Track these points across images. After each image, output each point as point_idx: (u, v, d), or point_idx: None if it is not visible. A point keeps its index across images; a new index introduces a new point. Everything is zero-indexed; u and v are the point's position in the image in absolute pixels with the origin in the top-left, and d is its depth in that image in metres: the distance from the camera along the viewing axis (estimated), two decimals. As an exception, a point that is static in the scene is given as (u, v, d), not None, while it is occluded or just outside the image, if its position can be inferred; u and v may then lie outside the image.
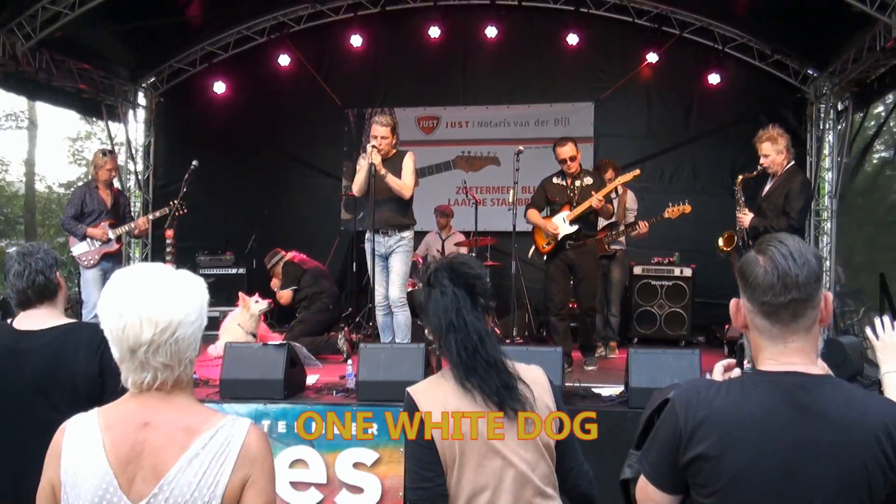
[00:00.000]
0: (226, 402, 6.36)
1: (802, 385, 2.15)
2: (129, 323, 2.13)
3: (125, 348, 2.16)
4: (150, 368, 2.17)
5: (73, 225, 8.75)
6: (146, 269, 2.25)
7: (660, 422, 2.34)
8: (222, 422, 2.21)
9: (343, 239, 12.88)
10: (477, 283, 2.89)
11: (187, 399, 2.26)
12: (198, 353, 2.29)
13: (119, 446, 2.16)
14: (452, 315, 2.80)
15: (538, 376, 2.95)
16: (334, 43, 13.04)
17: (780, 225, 7.28)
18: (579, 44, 12.40)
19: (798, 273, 2.13)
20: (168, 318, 2.14)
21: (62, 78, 11.23)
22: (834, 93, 11.56)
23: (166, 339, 2.14)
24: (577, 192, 8.09)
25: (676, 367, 6.17)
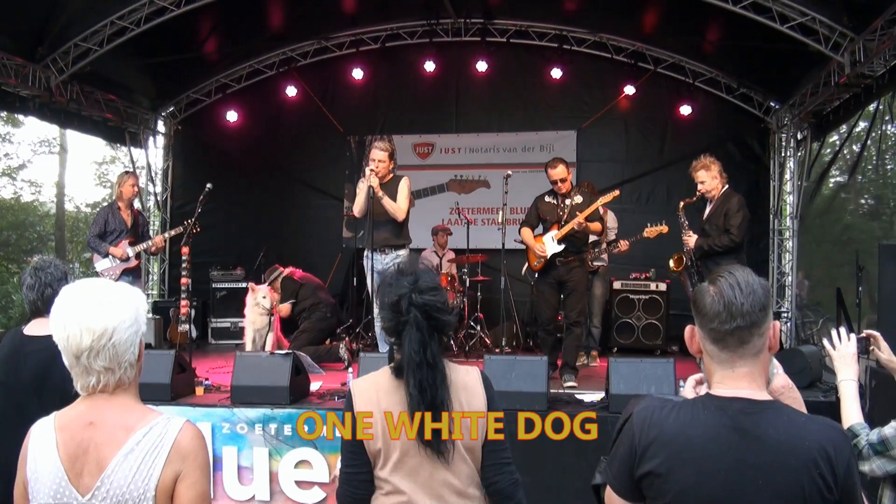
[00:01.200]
0: (236, 407, 6.35)
1: (745, 410, 2.14)
2: (71, 332, 2.22)
3: (71, 356, 2.24)
4: (93, 372, 2.24)
5: (98, 243, 8.76)
6: (86, 285, 2.32)
7: (621, 435, 2.34)
8: (156, 420, 2.27)
9: (344, 256, 12.87)
10: (446, 328, 2.86)
11: (129, 399, 2.32)
12: (137, 357, 2.33)
13: (69, 444, 2.24)
14: (429, 354, 2.75)
15: (470, 381, 2.91)
16: (338, 75, 13.10)
17: (722, 242, 7.40)
18: (563, 77, 12.48)
19: (743, 302, 2.14)
20: (103, 326, 2.22)
21: (90, 108, 11.31)
22: (794, 123, 11.70)
23: (104, 344, 2.21)
24: (567, 210, 8.04)
25: (653, 374, 6.22)
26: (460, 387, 2.86)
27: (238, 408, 6.36)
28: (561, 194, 8.14)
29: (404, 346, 2.78)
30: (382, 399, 2.80)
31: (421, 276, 2.85)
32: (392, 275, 2.92)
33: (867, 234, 16.62)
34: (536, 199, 8.38)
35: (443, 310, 2.82)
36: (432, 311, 2.78)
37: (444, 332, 2.87)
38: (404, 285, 2.82)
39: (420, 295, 2.78)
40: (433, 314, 2.78)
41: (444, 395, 2.76)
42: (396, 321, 2.81)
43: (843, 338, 2.95)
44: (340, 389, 7.00)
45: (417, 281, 2.82)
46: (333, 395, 6.82)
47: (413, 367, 2.74)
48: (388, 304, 2.84)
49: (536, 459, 5.70)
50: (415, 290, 2.79)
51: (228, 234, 12.77)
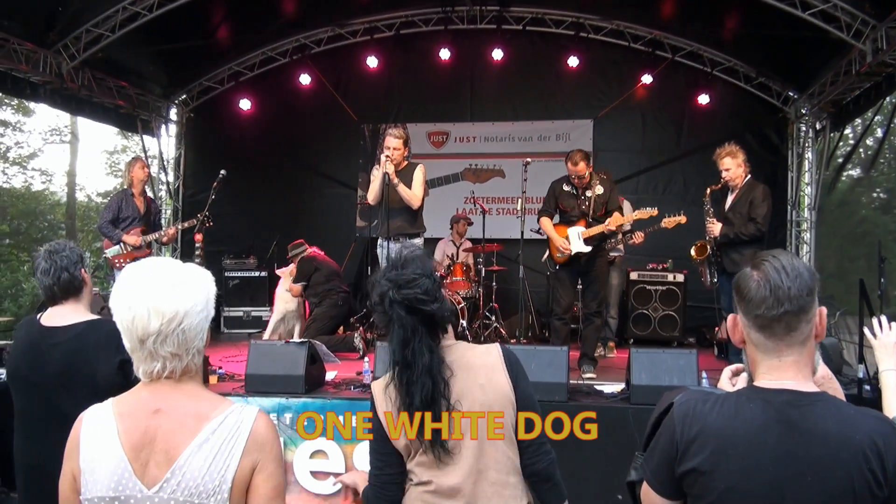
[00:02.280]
0: (251, 396, 6.26)
1: (793, 403, 2.04)
2: (137, 314, 2.08)
3: (135, 339, 2.10)
4: (159, 358, 2.11)
5: (110, 229, 8.65)
6: (154, 264, 2.19)
7: (660, 431, 2.24)
8: (231, 408, 2.15)
9: (358, 245, 12.85)
10: (435, 313, 2.72)
11: (197, 386, 2.21)
12: (205, 342, 2.22)
13: (132, 433, 2.09)
14: (408, 353, 2.66)
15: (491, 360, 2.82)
16: (352, 63, 12.98)
17: (748, 231, 7.30)
18: (579, 66, 12.37)
19: (790, 286, 2.03)
20: (174, 309, 2.09)
21: (102, 94, 11.22)
22: (813, 113, 11.59)
23: (173, 328, 2.08)
24: (591, 203, 7.89)
25: (675, 366, 6.09)
26: (478, 366, 2.78)
27: (252, 396, 6.26)
28: (582, 186, 7.98)
29: (390, 341, 2.74)
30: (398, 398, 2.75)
31: (402, 268, 2.77)
32: (379, 274, 2.85)
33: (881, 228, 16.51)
34: (554, 187, 8.14)
35: (425, 300, 2.69)
36: (414, 304, 2.68)
37: (437, 321, 2.74)
38: (384, 283, 2.74)
39: (398, 291, 2.69)
40: (416, 307, 2.68)
41: (434, 393, 2.66)
42: (384, 320, 2.76)
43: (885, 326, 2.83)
44: (356, 379, 6.90)
45: (398, 276, 2.74)
46: (349, 384, 6.72)
47: (395, 365, 2.71)
48: (373, 304, 2.81)
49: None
50: (394, 286, 2.71)
51: (241, 223, 12.68)
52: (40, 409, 3.55)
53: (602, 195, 7.93)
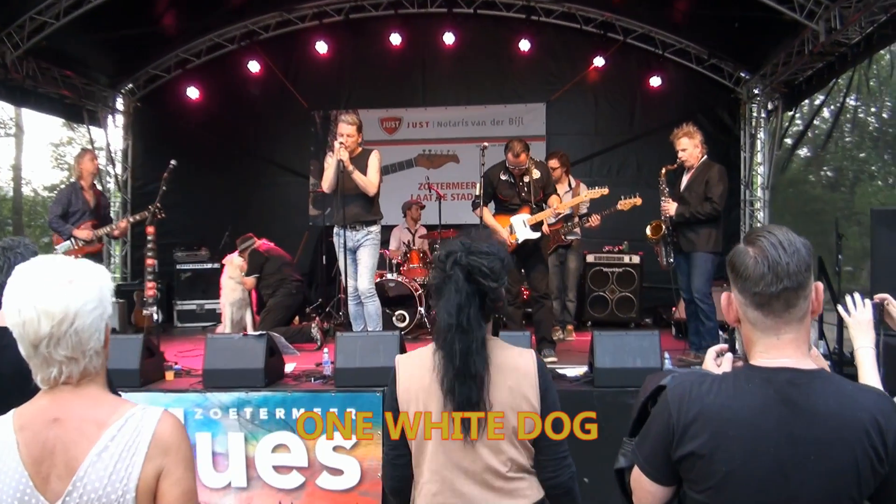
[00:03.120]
0: (209, 392, 6.17)
1: (794, 381, 2.01)
2: (27, 318, 1.96)
3: (28, 344, 1.99)
4: (54, 363, 1.99)
5: (60, 224, 8.47)
6: (43, 263, 2.05)
7: (653, 415, 2.20)
8: (131, 411, 2.02)
9: (312, 234, 12.73)
10: (489, 292, 2.66)
11: (97, 391, 2.08)
12: (104, 342, 2.08)
13: (31, 445, 1.98)
14: (463, 318, 2.59)
15: (523, 364, 2.75)
16: (301, 49, 12.83)
17: (704, 210, 7.32)
18: (531, 49, 12.35)
19: (788, 262, 2.00)
20: (63, 310, 1.96)
21: (47, 85, 10.97)
22: (765, 93, 11.69)
23: (65, 330, 1.96)
24: (530, 189, 7.85)
25: (638, 347, 6.14)
26: (510, 368, 2.71)
27: (211, 392, 6.16)
28: (519, 173, 7.92)
29: (440, 307, 2.66)
30: (425, 377, 2.69)
31: (480, 240, 2.72)
32: (456, 237, 2.79)
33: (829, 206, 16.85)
34: (489, 177, 8.00)
35: (487, 275, 2.63)
36: (475, 273, 2.62)
37: (488, 301, 2.67)
38: (456, 244, 2.70)
39: (468, 255, 2.64)
40: (476, 277, 2.62)
41: (480, 367, 2.61)
42: (441, 278, 2.68)
43: (859, 303, 2.83)
44: (316, 370, 6.83)
45: (473, 243, 2.69)
46: (309, 376, 6.65)
47: (445, 330, 2.61)
48: (437, 260, 2.74)
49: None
50: (466, 249, 2.66)
51: (191, 214, 12.44)
52: None
53: (539, 179, 7.90)
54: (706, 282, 7.41)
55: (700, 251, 7.38)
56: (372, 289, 7.81)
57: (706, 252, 7.38)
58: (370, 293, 7.78)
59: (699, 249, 7.38)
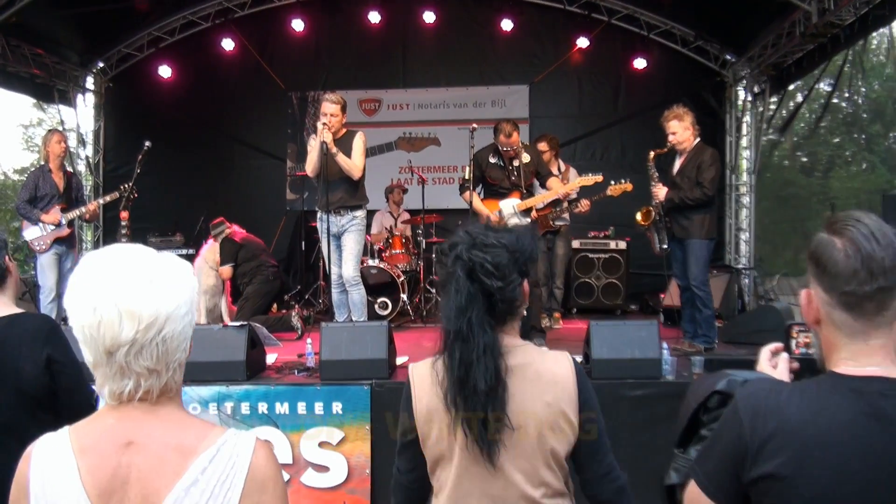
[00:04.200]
0: (187, 386, 5.87)
1: (885, 392, 1.73)
2: (105, 318, 1.62)
3: (101, 350, 1.64)
4: (131, 374, 1.66)
5: (28, 209, 8.12)
6: (125, 252, 1.72)
7: (720, 427, 1.90)
8: (223, 438, 1.69)
9: (289, 219, 12.44)
10: (495, 292, 2.30)
11: (177, 411, 1.75)
12: (188, 354, 1.77)
13: (99, 473, 1.64)
14: (463, 323, 2.25)
15: (561, 373, 2.38)
16: (277, 28, 12.50)
17: (694, 195, 7.13)
18: (513, 29, 12.13)
19: (884, 256, 1.72)
20: (154, 312, 1.65)
21: (17, 63, 10.57)
22: (752, 76, 11.53)
23: (151, 337, 1.65)
24: (520, 173, 7.63)
25: (636, 337, 5.90)
26: (547, 380, 2.35)
27: (189, 386, 5.84)
28: (509, 156, 7.70)
29: (442, 310, 2.36)
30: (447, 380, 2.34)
31: (490, 230, 2.39)
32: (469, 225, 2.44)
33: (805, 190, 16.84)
34: (478, 159, 7.77)
35: (491, 272, 2.28)
36: (477, 271, 2.28)
37: (497, 302, 2.31)
38: (462, 236, 2.37)
39: (469, 250, 2.30)
40: (478, 275, 2.28)
41: (485, 379, 2.23)
42: (444, 274, 2.38)
43: None
44: (298, 362, 6.56)
45: (480, 234, 2.36)
46: (292, 368, 6.36)
47: (444, 336, 2.30)
48: (441, 252, 2.43)
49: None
50: (468, 243, 2.32)
51: (165, 199, 12.10)
52: None
53: (529, 163, 7.70)
54: (703, 269, 7.24)
55: (695, 238, 7.19)
56: (357, 276, 7.54)
57: (701, 238, 7.20)
58: (355, 281, 7.51)
59: (694, 236, 7.20)
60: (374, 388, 5.76)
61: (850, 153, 26.21)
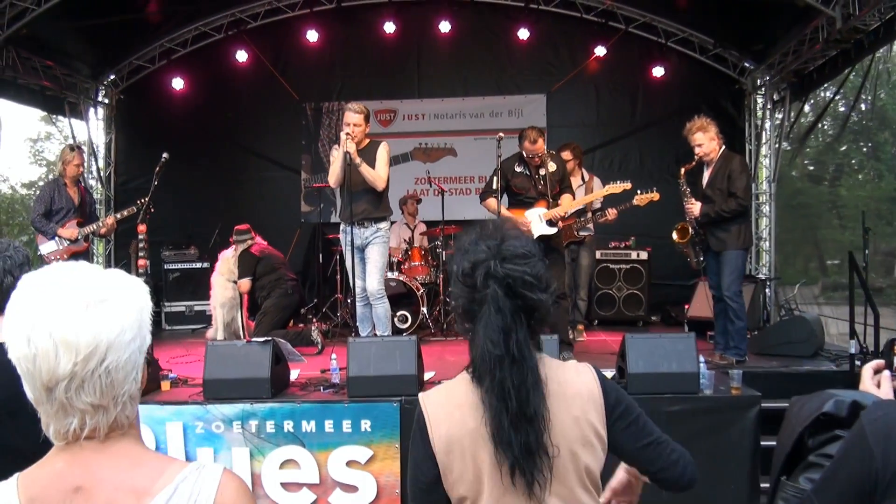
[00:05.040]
0: (210, 403, 5.71)
1: None
2: (40, 350, 1.43)
3: (39, 386, 1.45)
4: (74, 412, 1.46)
5: (44, 223, 7.96)
6: (62, 273, 1.52)
7: (844, 454, 1.71)
8: (182, 474, 1.51)
9: (304, 231, 12.28)
10: (538, 307, 2.10)
11: (131, 447, 1.54)
12: (141, 383, 1.56)
13: None
14: (513, 345, 2.02)
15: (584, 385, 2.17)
16: (291, 38, 12.35)
17: (729, 207, 7.03)
18: (530, 38, 11.99)
19: None
20: (92, 341, 1.43)
21: (27, 75, 10.37)
22: (771, 84, 11.37)
23: (92, 369, 1.44)
24: (546, 182, 7.47)
25: (673, 351, 5.77)
26: (571, 394, 2.13)
27: (212, 404, 5.71)
28: (535, 165, 7.54)
29: (478, 335, 2.06)
30: (468, 418, 2.09)
31: (508, 238, 2.13)
32: (470, 238, 2.18)
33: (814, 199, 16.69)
34: (503, 168, 7.57)
35: (533, 284, 2.07)
36: (518, 286, 2.05)
37: (537, 318, 2.11)
38: (483, 250, 2.09)
39: (503, 263, 2.06)
40: (519, 290, 2.05)
41: (538, 404, 2.03)
42: (469, 298, 2.10)
43: None
44: (322, 378, 6.38)
45: (502, 244, 2.10)
46: (317, 384, 6.18)
47: (490, 363, 2.02)
48: (459, 274, 2.13)
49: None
50: (497, 255, 2.07)
51: (178, 212, 11.94)
52: None
53: (555, 172, 7.55)
54: (737, 280, 7.11)
55: (731, 249, 7.06)
56: (382, 289, 7.39)
57: (737, 249, 7.07)
58: (380, 294, 7.36)
59: (731, 248, 7.09)
60: (404, 404, 5.61)
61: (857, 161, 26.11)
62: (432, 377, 6.28)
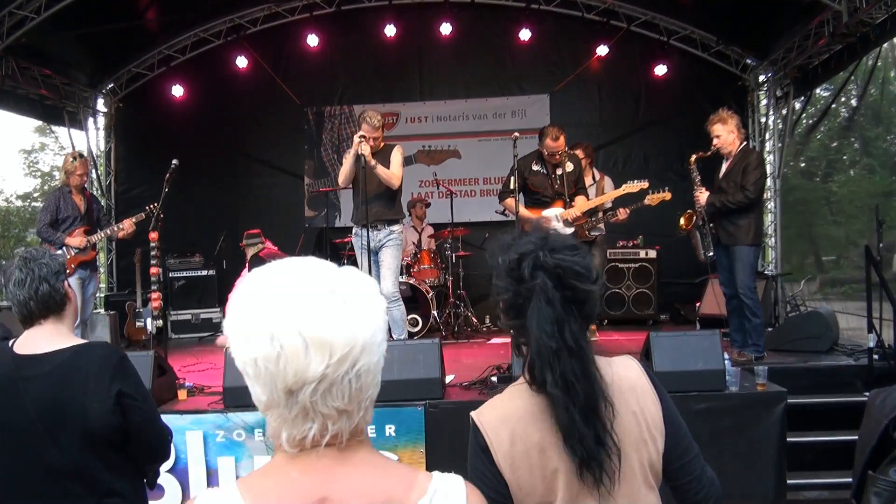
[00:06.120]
0: (231, 412, 5.62)
1: None
2: (287, 349, 1.29)
3: (280, 388, 1.31)
4: (316, 416, 1.33)
5: (50, 233, 7.84)
6: (305, 267, 1.40)
7: None
8: (432, 485, 1.41)
9: (308, 236, 12.19)
10: (588, 299, 1.99)
11: (372, 454, 1.44)
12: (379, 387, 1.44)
13: None
14: (569, 336, 1.91)
15: (634, 377, 2.09)
16: (291, 43, 12.29)
17: (736, 198, 6.97)
18: (531, 38, 11.94)
19: None
20: (349, 341, 1.32)
21: (27, 84, 10.28)
22: (774, 80, 11.37)
23: (344, 371, 1.32)
24: (563, 182, 7.43)
25: (699, 349, 5.74)
26: (626, 388, 2.05)
27: (233, 412, 5.62)
28: (553, 164, 7.50)
29: (531, 329, 1.94)
30: (531, 431, 1.99)
31: (552, 233, 2.05)
32: (511, 235, 2.08)
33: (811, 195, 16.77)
34: (520, 167, 7.56)
35: (583, 275, 1.96)
36: (569, 277, 1.94)
37: (586, 311, 1.99)
38: (530, 242, 2.00)
39: (551, 254, 1.95)
40: (570, 281, 1.94)
41: (601, 396, 1.94)
42: (515, 291, 1.98)
43: None
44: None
45: (548, 237, 2.01)
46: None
47: (549, 356, 1.92)
48: (504, 268, 2.01)
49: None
50: (544, 246, 1.97)
51: (182, 219, 11.74)
52: (17, 464, 2.74)
53: (572, 172, 7.55)
54: (750, 275, 7.04)
55: (741, 244, 6.97)
56: (396, 292, 7.35)
57: (748, 244, 6.99)
58: (395, 297, 7.31)
59: (741, 243, 6.99)
60: (428, 408, 5.53)
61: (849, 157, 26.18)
62: (452, 380, 6.22)
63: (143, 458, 3.00)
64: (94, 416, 2.73)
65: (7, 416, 2.75)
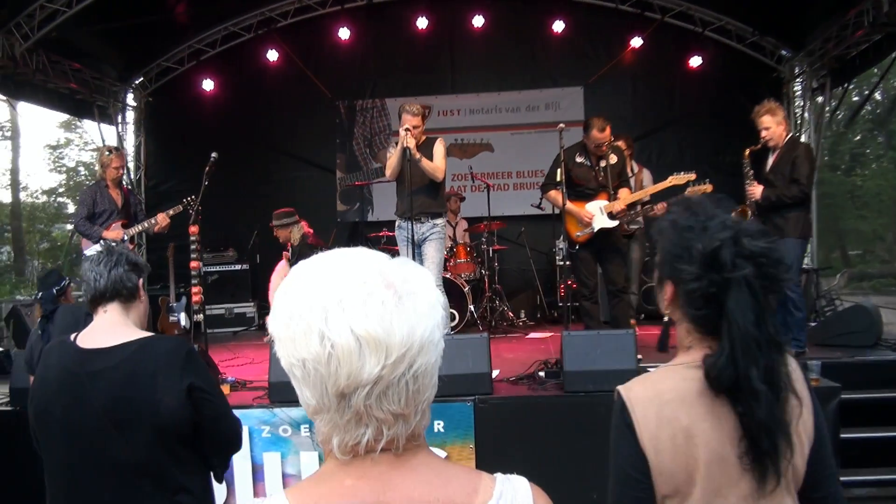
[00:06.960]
0: (277, 407, 5.56)
1: None
2: (339, 350, 1.18)
3: (331, 392, 1.21)
4: (371, 421, 1.23)
5: (87, 227, 7.77)
6: (355, 259, 1.28)
7: None
8: (497, 488, 1.31)
9: (340, 230, 12.14)
10: (781, 290, 1.87)
11: (430, 459, 1.33)
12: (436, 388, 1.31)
13: None
14: (770, 328, 1.79)
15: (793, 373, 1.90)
16: (322, 36, 12.24)
17: (791, 192, 6.83)
18: (565, 30, 11.88)
19: None
20: (407, 340, 1.21)
21: (57, 78, 10.27)
22: (810, 71, 11.25)
23: (401, 372, 1.21)
24: (607, 174, 7.33)
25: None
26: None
27: (279, 407, 5.55)
28: (597, 156, 7.40)
29: (733, 318, 1.80)
30: (680, 414, 1.86)
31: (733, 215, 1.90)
32: (679, 215, 1.92)
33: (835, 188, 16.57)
34: (565, 158, 7.33)
35: (784, 264, 1.85)
36: (770, 266, 1.82)
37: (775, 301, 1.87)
38: (724, 225, 1.86)
39: (752, 240, 1.82)
40: (770, 270, 1.82)
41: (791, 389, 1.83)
42: (709, 281, 1.84)
43: None
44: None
45: (740, 220, 1.87)
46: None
47: (754, 350, 1.78)
48: (698, 255, 1.85)
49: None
50: (741, 231, 1.83)
51: (214, 213, 11.67)
52: (85, 461, 2.65)
53: (616, 165, 7.43)
54: (796, 269, 6.91)
55: (790, 237, 6.84)
56: (440, 286, 7.24)
57: (796, 238, 6.86)
58: (438, 290, 7.21)
59: (789, 235, 6.84)
60: (478, 404, 5.44)
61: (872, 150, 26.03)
62: (497, 375, 6.13)
63: (215, 450, 2.93)
64: (167, 411, 2.65)
65: (73, 412, 2.67)
